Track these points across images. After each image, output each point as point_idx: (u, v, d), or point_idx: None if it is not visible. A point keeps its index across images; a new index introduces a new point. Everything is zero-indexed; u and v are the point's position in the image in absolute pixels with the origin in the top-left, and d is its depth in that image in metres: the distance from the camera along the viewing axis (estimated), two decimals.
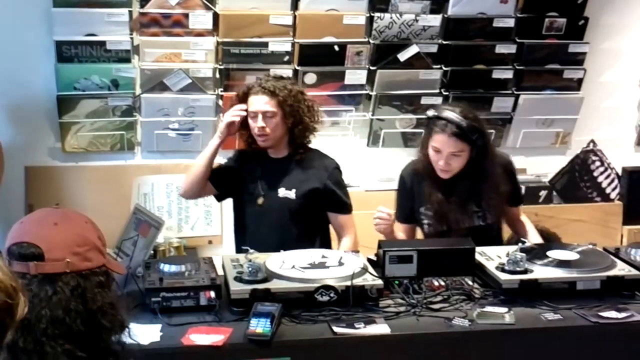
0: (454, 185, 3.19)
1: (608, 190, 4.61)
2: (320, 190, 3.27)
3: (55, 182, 4.09)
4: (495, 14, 4.20)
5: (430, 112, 3.17)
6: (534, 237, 3.35)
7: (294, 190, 3.25)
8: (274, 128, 3.20)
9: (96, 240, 1.64)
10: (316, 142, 4.19)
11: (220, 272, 2.78)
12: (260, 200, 3.28)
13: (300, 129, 3.24)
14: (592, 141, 4.57)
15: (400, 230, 3.31)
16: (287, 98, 3.19)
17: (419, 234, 3.38)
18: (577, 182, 4.58)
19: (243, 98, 3.27)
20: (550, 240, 3.78)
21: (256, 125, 3.19)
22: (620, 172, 4.61)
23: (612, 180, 4.61)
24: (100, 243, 1.65)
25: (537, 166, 4.55)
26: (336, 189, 3.31)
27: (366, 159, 4.34)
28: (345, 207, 3.34)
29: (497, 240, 3.32)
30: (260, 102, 3.19)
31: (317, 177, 3.28)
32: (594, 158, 4.58)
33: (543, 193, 4.48)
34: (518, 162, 4.53)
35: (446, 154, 3.10)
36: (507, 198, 3.29)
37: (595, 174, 4.59)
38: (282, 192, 3.26)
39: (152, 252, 3.48)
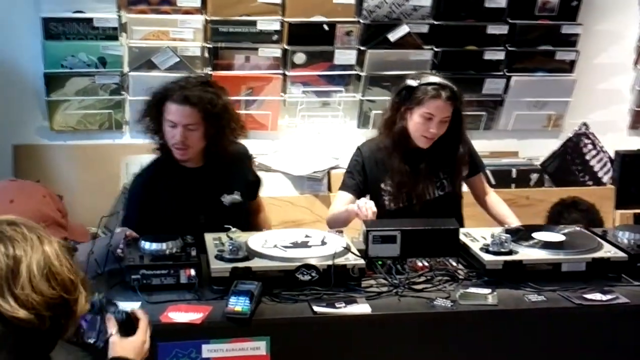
0: (420, 156, 3.18)
1: (600, 174, 4.59)
2: (253, 181, 3.24)
3: (44, 161, 4.07)
4: None
5: (414, 82, 3.14)
6: (505, 211, 3.37)
7: (237, 192, 3.10)
8: (195, 141, 2.95)
9: (55, 213, 1.61)
10: (307, 122, 4.20)
11: None
12: (202, 219, 3.01)
13: (219, 145, 3.01)
14: (585, 124, 4.54)
15: (344, 201, 3.23)
16: (210, 112, 2.92)
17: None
18: (569, 165, 4.56)
19: (161, 101, 2.98)
20: (590, 213, 3.77)
21: (175, 137, 2.93)
22: (612, 156, 4.58)
23: (605, 164, 4.59)
24: (60, 215, 1.62)
25: (529, 149, 4.53)
26: (257, 175, 3.30)
27: (356, 140, 4.30)
28: (260, 187, 3.32)
29: (459, 211, 3.32)
30: (182, 113, 2.91)
31: (245, 168, 3.21)
32: (586, 141, 4.55)
33: (534, 176, 4.45)
34: (510, 144, 4.53)
35: (437, 120, 3.09)
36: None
37: (587, 157, 4.56)
38: (226, 199, 3.07)
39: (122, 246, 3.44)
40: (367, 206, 2.96)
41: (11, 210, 1.56)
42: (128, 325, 1.99)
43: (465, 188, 3.43)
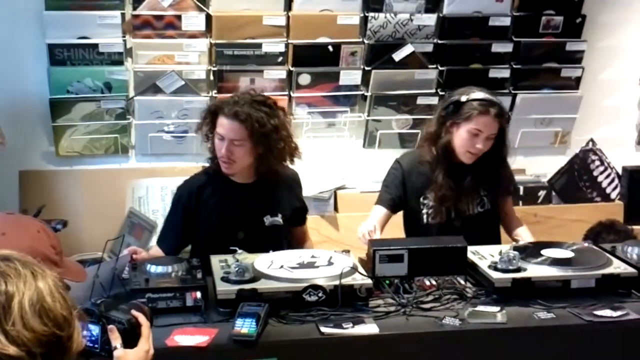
0: (464, 171, 3.17)
1: (608, 190, 4.56)
2: (300, 207, 3.24)
3: (50, 186, 4.07)
4: (491, 13, 4.17)
5: (463, 97, 3.13)
6: (522, 232, 3.35)
7: (280, 215, 3.10)
8: (240, 157, 2.98)
9: (48, 250, 1.57)
10: (313, 143, 4.19)
11: None
12: (241, 235, 3.03)
13: (267, 165, 3.02)
14: (592, 140, 4.52)
15: (378, 215, 3.24)
16: (258, 131, 2.94)
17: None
18: (576, 181, 4.53)
19: (215, 113, 3.02)
20: (628, 235, 3.76)
21: (221, 150, 2.97)
22: (620, 172, 4.56)
23: (612, 180, 4.56)
24: (54, 252, 1.59)
25: (536, 166, 4.51)
26: (304, 201, 3.29)
27: (362, 160, 4.30)
28: (307, 214, 3.32)
29: (497, 229, 3.34)
30: (229, 127, 2.95)
31: (293, 194, 3.21)
32: (593, 157, 4.53)
33: (542, 193, 4.43)
34: (516, 162, 4.47)
35: (484, 136, 3.08)
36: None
37: (595, 173, 4.54)
38: (268, 220, 3.08)
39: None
40: (363, 232, 2.98)
41: (2, 243, 1.53)
42: (131, 334, 1.96)
43: None
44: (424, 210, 3.23)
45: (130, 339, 1.95)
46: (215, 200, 3.07)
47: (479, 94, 3.12)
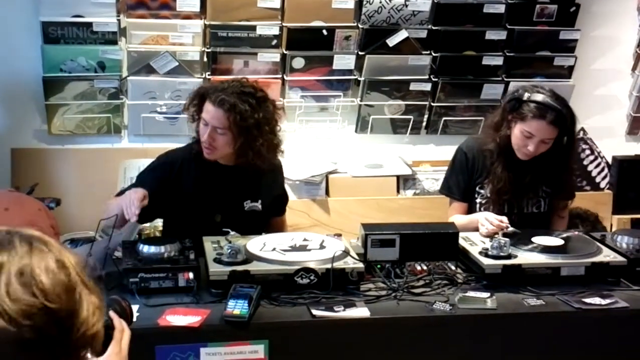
0: (525, 168, 3.16)
1: (598, 179, 4.58)
2: (280, 195, 3.25)
3: (41, 165, 4.06)
4: (485, 0, 4.16)
5: (525, 95, 3.08)
6: None
7: (259, 201, 3.10)
8: (222, 145, 2.96)
9: (47, 229, 1.58)
10: (305, 127, 4.20)
11: None
12: (218, 218, 3.02)
13: (246, 157, 2.98)
14: (583, 129, 4.53)
15: (457, 210, 3.27)
16: (238, 124, 2.90)
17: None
18: None
19: (203, 97, 3.00)
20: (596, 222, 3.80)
21: (204, 135, 2.95)
22: (610, 161, 4.59)
23: (602, 169, 4.58)
24: (52, 232, 1.59)
25: None
26: (285, 191, 3.30)
27: (354, 145, 4.31)
28: (286, 205, 3.32)
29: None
30: (213, 114, 2.93)
31: (276, 182, 3.22)
32: (584, 147, 4.55)
33: None
34: None
35: (537, 140, 3.05)
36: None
37: (585, 162, 4.56)
38: (247, 205, 3.07)
39: (136, 235, 3.46)
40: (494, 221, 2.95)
41: (4, 217, 1.53)
42: (105, 340, 1.85)
43: None
44: (478, 199, 3.24)
45: (104, 345, 1.83)
46: (196, 179, 3.06)
47: (539, 96, 3.06)
